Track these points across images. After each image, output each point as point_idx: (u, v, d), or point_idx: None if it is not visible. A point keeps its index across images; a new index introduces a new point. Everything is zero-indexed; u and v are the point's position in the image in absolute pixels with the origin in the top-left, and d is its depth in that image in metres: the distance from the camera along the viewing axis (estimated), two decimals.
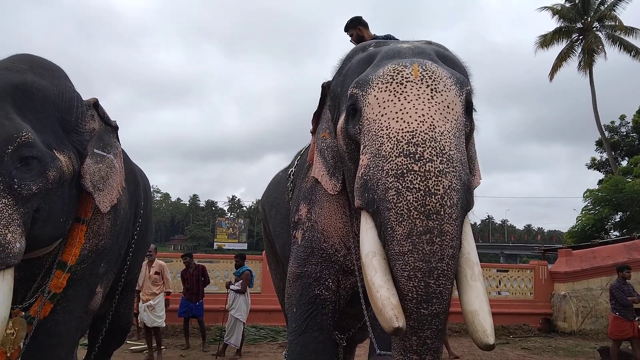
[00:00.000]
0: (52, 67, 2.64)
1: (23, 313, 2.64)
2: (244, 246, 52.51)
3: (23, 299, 2.67)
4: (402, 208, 1.73)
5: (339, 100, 2.42)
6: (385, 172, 1.81)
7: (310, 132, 2.76)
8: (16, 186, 2.21)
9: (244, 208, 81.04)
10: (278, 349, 7.89)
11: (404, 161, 1.77)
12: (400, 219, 1.73)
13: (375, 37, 3.61)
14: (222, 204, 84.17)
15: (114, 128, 2.92)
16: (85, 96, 2.79)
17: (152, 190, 4.73)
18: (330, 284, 2.68)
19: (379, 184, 1.83)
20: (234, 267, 8.20)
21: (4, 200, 2.17)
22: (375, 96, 1.97)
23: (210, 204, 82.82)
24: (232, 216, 72.64)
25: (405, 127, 1.83)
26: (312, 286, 2.69)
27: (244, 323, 7.35)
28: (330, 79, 2.64)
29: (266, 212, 4.13)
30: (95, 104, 2.77)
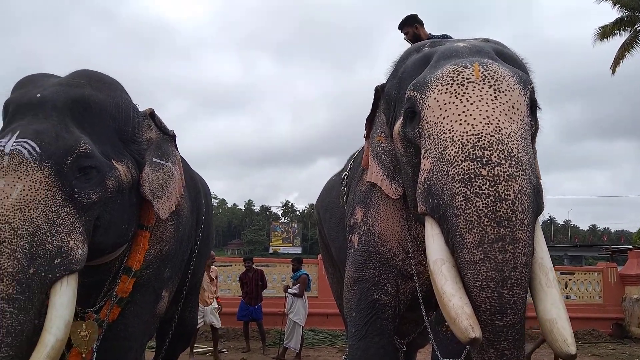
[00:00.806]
0: (108, 80, 2.72)
1: (95, 316, 2.77)
2: (299, 250, 52.94)
3: (94, 303, 2.78)
4: (471, 215, 1.68)
5: (395, 104, 2.39)
6: (450, 177, 1.76)
7: (364, 136, 2.74)
8: (76, 195, 2.28)
9: (298, 212, 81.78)
10: (337, 353, 7.88)
11: (471, 165, 1.72)
12: (470, 226, 1.68)
13: (431, 37, 3.54)
14: (276, 208, 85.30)
15: (172, 137, 2.98)
16: (146, 107, 2.89)
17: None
18: (389, 288, 2.65)
19: (444, 189, 1.78)
20: (290, 271, 8.28)
21: (65, 209, 2.24)
22: (435, 98, 1.93)
23: (265, 208, 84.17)
24: (286, 220, 73.46)
25: (470, 130, 1.78)
26: (371, 291, 2.66)
27: (302, 327, 7.40)
28: (383, 81, 2.62)
29: (321, 216, 4.14)
30: (151, 114, 2.85)
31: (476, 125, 1.78)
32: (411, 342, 3.08)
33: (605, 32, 22.31)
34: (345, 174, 3.34)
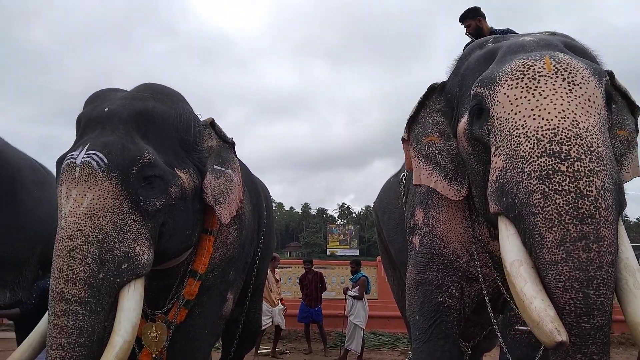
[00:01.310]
0: (170, 92, 2.80)
1: (164, 318, 2.87)
2: (356, 252, 52.67)
3: (163, 305, 2.90)
4: (550, 213, 1.62)
5: (458, 101, 2.33)
6: (526, 174, 1.71)
7: (403, 138, 2.62)
8: (142, 203, 2.37)
9: (354, 214, 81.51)
10: (399, 356, 7.79)
11: (549, 161, 1.66)
12: (550, 225, 1.61)
13: (492, 31, 3.43)
14: (332, 211, 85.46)
15: (231, 144, 3.05)
16: (207, 116, 2.99)
17: None
18: (454, 291, 2.59)
19: (519, 187, 1.72)
20: (349, 273, 8.27)
21: (132, 216, 2.34)
22: (505, 94, 1.87)
23: (321, 211, 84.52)
24: (342, 223, 73.43)
25: (545, 125, 1.72)
26: (434, 293, 2.61)
27: (363, 329, 7.38)
28: (437, 80, 2.56)
29: (379, 218, 4.12)
30: (211, 123, 2.93)
31: (551, 120, 1.72)
32: (476, 345, 3.01)
33: None
34: (404, 175, 3.30)
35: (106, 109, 2.52)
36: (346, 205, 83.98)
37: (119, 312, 2.30)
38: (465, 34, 3.59)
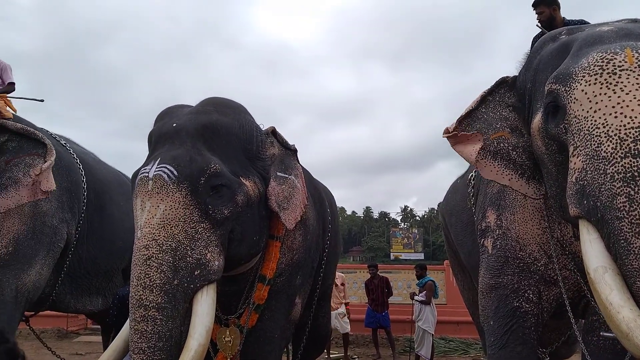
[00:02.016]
0: (233, 105, 2.93)
1: (237, 322, 2.97)
2: (421, 256, 51.72)
3: (235, 310, 2.99)
4: (637, 217, 1.52)
5: (530, 97, 2.24)
6: (609, 176, 1.61)
7: (447, 130, 2.50)
8: (211, 212, 2.47)
9: (417, 217, 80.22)
10: None
11: (634, 162, 1.56)
12: (637, 230, 1.52)
13: (566, 22, 3.26)
14: (395, 214, 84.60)
15: (293, 151, 3.09)
16: (270, 124, 3.05)
17: None
18: (531, 295, 2.48)
19: (602, 189, 1.63)
20: (415, 278, 8.13)
21: (202, 225, 2.44)
22: (583, 90, 1.77)
23: (384, 215, 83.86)
24: (405, 226, 72.41)
25: (629, 123, 1.62)
26: (510, 298, 2.51)
27: (432, 334, 7.23)
28: (507, 76, 2.47)
29: (446, 221, 4.02)
30: (273, 132, 2.99)
31: (635, 117, 1.61)
32: (555, 351, 2.89)
33: None
34: (472, 175, 3.21)
35: (174, 125, 2.66)
36: (409, 209, 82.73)
37: (194, 317, 2.40)
38: (537, 24, 3.40)
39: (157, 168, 2.46)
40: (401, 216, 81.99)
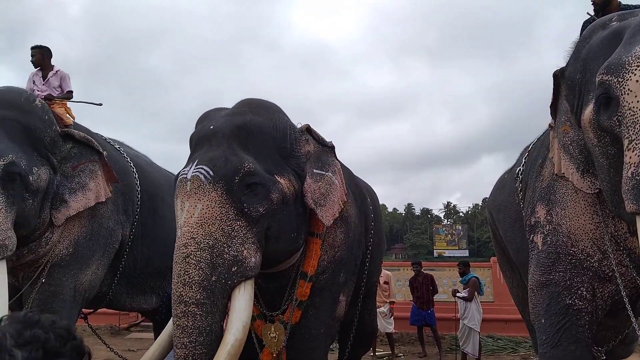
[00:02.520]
0: (266, 105, 2.99)
1: (281, 318, 3.02)
2: (465, 253, 50.68)
3: (280, 306, 3.05)
4: None
5: (580, 89, 2.17)
6: None
7: (550, 126, 2.52)
8: (246, 209, 2.55)
9: (461, 214, 78.70)
10: None
11: None
12: None
13: (623, 7, 3.10)
14: (438, 210, 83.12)
15: (331, 148, 3.10)
16: (310, 123, 3.07)
17: None
18: (584, 292, 2.40)
19: None
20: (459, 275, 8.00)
21: (238, 222, 2.52)
22: (638, 81, 1.71)
23: (426, 211, 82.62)
24: (448, 222, 71.21)
25: None
26: (562, 295, 2.44)
27: (478, 332, 7.09)
28: (561, 65, 2.40)
29: (494, 217, 3.94)
30: (307, 129, 3.02)
31: None
32: (611, 350, 2.80)
33: None
34: (520, 170, 3.12)
35: (211, 127, 2.75)
36: (452, 205, 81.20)
37: (231, 312, 2.49)
38: (587, 12, 3.24)
39: (194, 169, 2.55)
40: (444, 212, 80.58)
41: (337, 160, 3.12)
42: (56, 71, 4.10)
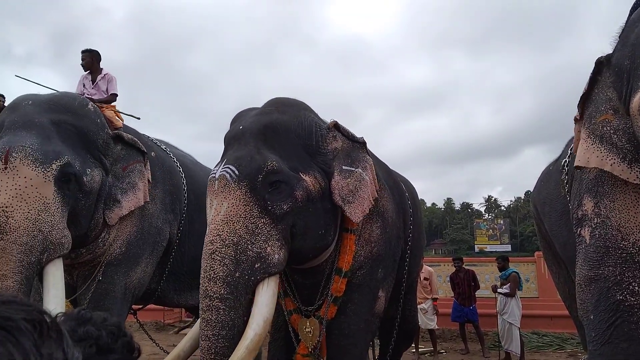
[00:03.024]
0: (292, 103, 3.02)
1: (317, 313, 3.05)
2: (507, 247, 49.63)
3: (315, 301, 3.08)
4: None
5: (629, 75, 2.09)
6: None
7: (575, 118, 2.42)
8: (270, 207, 2.60)
9: (502, 207, 76.92)
10: (567, 358, 7.17)
11: None
12: None
13: None
14: (478, 205, 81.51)
15: (361, 143, 3.08)
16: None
17: None
18: (636, 288, 2.31)
19: None
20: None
21: (262, 220, 2.58)
22: None
23: (466, 206, 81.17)
24: (490, 217, 69.71)
25: None
26: (612, 291, 2.36)
27: (519, 328, 6.93)
28: (595, 56, 2.31)
29: (539, 210, 3.83)
30: (335, 125, 3.01)
31: None
32: None
33: None
34: (566, 161, 3.03)
35: (240, 127, 2.83)
36: (493, 199, 79.40)
37: (254, 307, 2.55)
38: None
39: (222, 169, 2.65)
40: (485, 207, 78.89)
41: (369, 155, 3.11)
42: (104, 74, 4.23)
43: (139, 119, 4.47)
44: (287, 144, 2.76)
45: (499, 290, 7.06)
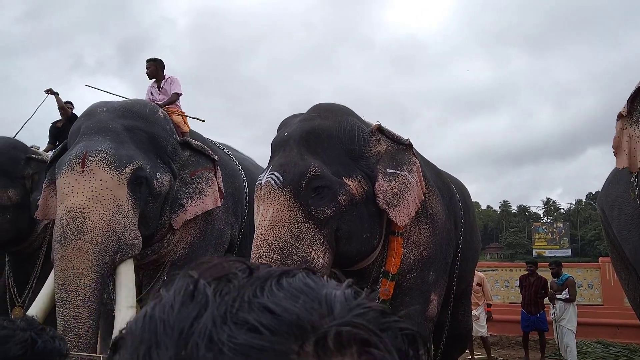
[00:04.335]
0: (335, 108, 3.07)
1: None
2: (567, 252, 47.37)
3: None
4: None
5: None
6: None
7: (620, 114, 2.29)
8: (313, 212, 2.66)
9: (562, 210, 73.69)
10: None
11: None
12: None
13: None
14: (536, 208, 78.33)
15: (407, 146, 3.08)
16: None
17: None
18: None
19: None
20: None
21: (306, 225, 2.64)
22: None
23: (523, 209, 78.27)
24: (548, 220, 66.95)
25: None
26: None
27: (574, 334, 6.64)
28: None
29: (606, 214, 3.68)
30: (379, 129, 3.02)
31: None
32: None
33: None
34: None
35: (285, 134, 2.92)
36: (552, 201, 76.22)
37: None
38: None
39: (267, 175, 2.74)
40: (543, 210, 75.84)
41: (415, 157, 3.09)
42: (167, 78, 4.39)
43: (203, 121, 4.61)
44: (329, 149, 2.82)
45: (558, 296, 6.78)
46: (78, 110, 4.96)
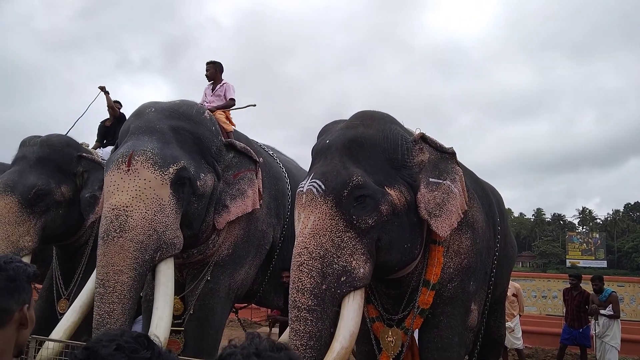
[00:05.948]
0: (378, 116, 3.01)
1: (402, 323, 3.05)
2: (603, 264, 45.95)
3: (399, 311, 3.08)
4: None
5: None
6: None
7: None
8: (355, 221, 2.63)
9: (598, 220, 71.39)
10: None
11: None
12: None
13: None
14: (571, 217, 76.24)
15: (451, 154, 3.03)
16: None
17: None
18: None
19: None
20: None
21: (347, 234, 2.62)
22: None
23: (557, 217, 76.23)
24: (584, 230, 65.03)
25: None
26: None
27: (618, 351, 6.41)
28: None
29: None
30: (422, 137, 2.97)
31: None
32: None
33: None
34: None
35: (327, 141, 2.89)
36: (587, 210, 73.91)
37: (340, 320, 2.60)
38: None
39: (309, 183, 2.72)
40: (579, 219, 73.65)
41: (458, 167, 3.04)
42: (223, 83, 4.43)
43: (254, 105, 4.54)
44: (372, 158, 2.79)
45: (602, 312, 6.55)
46: (126, 110, 5.04)
